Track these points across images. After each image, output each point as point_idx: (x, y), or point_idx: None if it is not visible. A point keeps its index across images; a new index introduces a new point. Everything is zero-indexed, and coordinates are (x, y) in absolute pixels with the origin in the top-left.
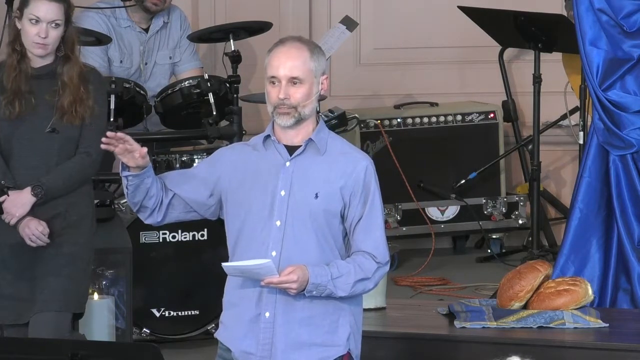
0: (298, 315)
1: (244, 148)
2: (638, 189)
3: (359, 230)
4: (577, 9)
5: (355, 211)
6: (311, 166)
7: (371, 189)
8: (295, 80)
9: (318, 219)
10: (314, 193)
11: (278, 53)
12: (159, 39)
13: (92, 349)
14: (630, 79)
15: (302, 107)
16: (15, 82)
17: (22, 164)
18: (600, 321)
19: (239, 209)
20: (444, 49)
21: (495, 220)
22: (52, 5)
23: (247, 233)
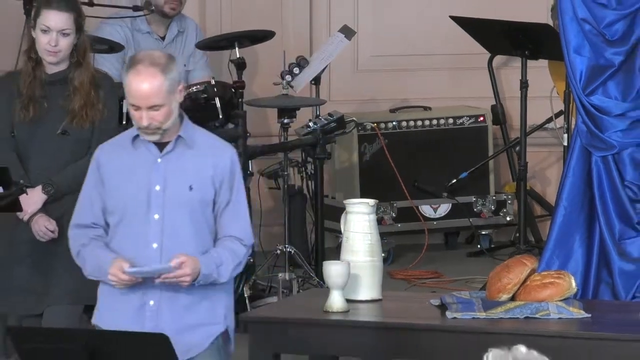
0: (182, 301)
1: (112, 147)
2: (618, 188)
3: (227, 215)
4: (562, 19)
5: (224, 197)
6: (182, 160)
7: (236, 176)
8: (155, 107)
9: (194, 210)
10: (188, 185)
11: (135, 83)
12: (175, 46)
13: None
14: (611, 84)
15: (166, 124)
16: (30, 88)
17: (36, 165)
18: (582, 312)
19: (115, 205)
20: (436, 56)
21: (484, 217)
22: (62, 15)
23: (125, 227)
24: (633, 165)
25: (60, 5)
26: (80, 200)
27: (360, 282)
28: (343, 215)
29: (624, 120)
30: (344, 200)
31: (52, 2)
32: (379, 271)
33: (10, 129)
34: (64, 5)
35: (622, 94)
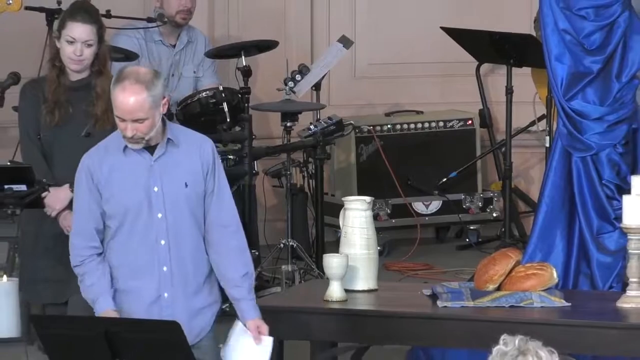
0: (190, 288)
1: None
2: (597, 186)
3: (213, 203)
4: (544, 30)
5: (209, 186)
6: (173, 160)
7: (217, 165)
8: (139, 120)
9: (191, 203)
10: (184, 183)
11: (121, 98)
12: (185, 54)
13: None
14: (590, 90)
15: (148, 135)
16: (55, 94)
17: (62, 165)
18: (563, 301)
19: (115, 209)
20: (428, 64)
21: (472, 213)
22: (86, 27)
23: (129, 228)
24: (610, 165)
25: (84, 17)
26: (78, 208)
27: (357, 274)
28: (342, 211)
29: (602, 123)
30: (342, 198)
31: (77, 15)
32: (374, 263)
33: (37, 132)
34: (87, 18)
35: (600, 99)
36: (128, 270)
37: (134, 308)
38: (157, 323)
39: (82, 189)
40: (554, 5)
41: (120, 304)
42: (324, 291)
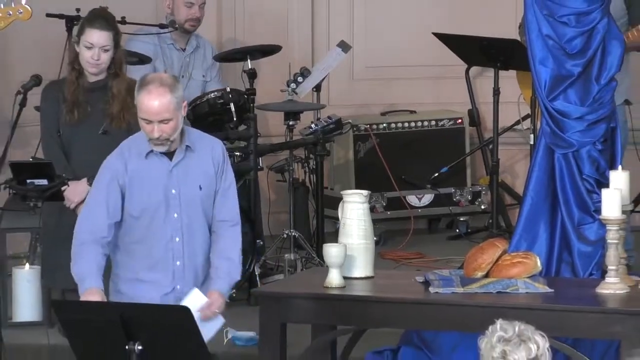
0: (199, 280)
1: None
2: (577, 181)
3: (218, 201)
4: (529, 35)
5: (218, 185)
6: (189, 165)
7: (226, 166)
8: (165, 121)
9: (204, 204)
10: (198, 185)
11: (147, 101)
12: (194, 58)
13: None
14: (571, 91)
15: (173, 135)
16: (74, 95)
17: (80, 160)
18: (546, 287)
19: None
20: (421, 67)
21: (462, 205)
22: (103, 33)
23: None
24: (590, 161)
25: (102, 25)
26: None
27: (355, 262)
28: (340, 204)
29: (582, 122)
30: (341, 192)
31: (95, 22)
32: (371, 252)
33: (57, 130)
34: (105, 25)
35: (581, 100)
36: (145, 263)
37: (149, 297)
38: (169, 308)
39: (102, 184)
40: (537, 12)
41: (137, 292)
42: (324, 278)
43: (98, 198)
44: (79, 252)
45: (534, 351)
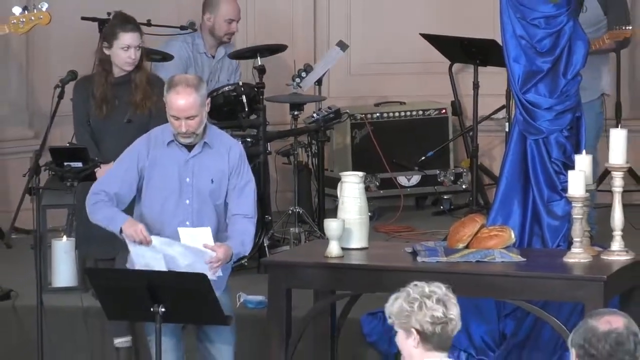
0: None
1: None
2: (547, 163)
3: (235, 196)
4: (504, 36)
5: (233, 183)
6: (205, 160)
7: (243, 166)
8: (191, 117)
9: (214, 196)
10: (210, 179)
11: (175, 100)
12: (222, 64)
13: (160, 278)
14: (541, 85)
15: (199, 129)
16: (103, 92)
17: (109, 147)
18: (520, 257)
19: (155, 192)
20: (410, 63)
21: (446, 185)
22: (136, 34)
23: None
24: (557, 146)
25: (132, 27)
26: (115, 171)
27: (352, 235)
28: (339, 184)
29: (551, 112)
30: (339, 173)
31: (127, 26)
32: (366, 226)
33: (87, 119)
34: (135, 27)
35: (550, 93)
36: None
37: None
38: (189, 276)
39: (124, 163)
40: (512, 16)
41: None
42: (325, 249)
43: (117, 173)
44: (95, 206)
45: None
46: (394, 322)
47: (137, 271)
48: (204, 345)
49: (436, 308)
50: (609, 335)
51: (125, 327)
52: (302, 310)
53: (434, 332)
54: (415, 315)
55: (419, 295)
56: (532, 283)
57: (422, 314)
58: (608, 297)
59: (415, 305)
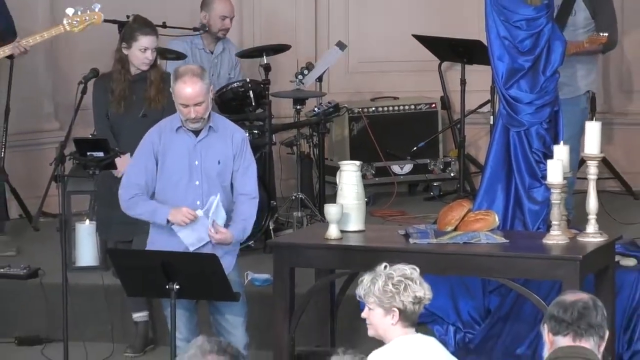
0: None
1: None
2: (528, 153)
3: (239, 177)
4: (489, 36)
5: (237, 164)
6: (212, 143)
7: (245, 149)
8: (199, 103)
9: (221, 177)
10: (217, 160)
11: (183, 89)
12: (221, 59)
13: (173, 258)
14: (523, 82)
15: (205, 114)
16: (121, 89)
17: (126, 139)
18: (503, 239)
19: (168, 175)
20: (403, 62)
21: (436, 173)
22: (153, 38)
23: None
24: (538, 137)
25: (150, 31)
26: (137, 164)
27: (350, 218)
28: (338, 172)
29: (532, 106)
30: (338, 162)
31: (145, 29)
32: (362, 211)
33: (106, 113)
34: (152, 31)
35: (530, 88)
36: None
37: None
38: (200, 256)
39: (143, 152)
40: (496, 18)
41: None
42: (325, 231)
43: (139, 163)
44: (132, 201)
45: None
46: (374, 301)
47: (152, 252)
48: (216, 318)
49: (418, 289)
50: (576, 303)
51: (142, 303)
52: (304, 287)
53: (413, 310)
54: (400, 295)
55: (402, 277)
56: (515, 262)
57: (406, 294)
58: (583, 275)
59: (401, 287)
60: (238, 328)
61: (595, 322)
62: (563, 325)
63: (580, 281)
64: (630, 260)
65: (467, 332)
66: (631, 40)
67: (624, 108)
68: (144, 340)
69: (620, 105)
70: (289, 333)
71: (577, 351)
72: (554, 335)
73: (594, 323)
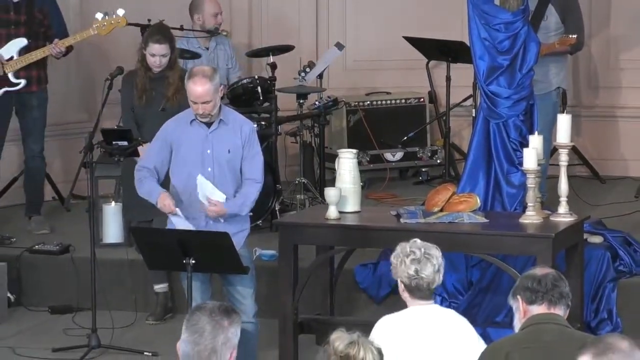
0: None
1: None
2: (506, 142)
3: (247, 164)
4: (471, 37)
5: (245, 153)
6: (222, 134)
7: (252, 139)
8: (206, 102)
9: (230, 164)
10: (227, 150)
11: (193, 89)
12: (217, 53)
13: (190, 236)
14: (502, 78)
15: (213, 112)
16: (143, 85)
17: (148, 129)
18: (484, 218)
19: (183, 162)
20: (394, 61)
21: (424, 160)
22: (161, 46)
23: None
24: (515, 128)
25: (160, 39)
26: (151, 149)
27: (347, 201)
28: (337, 159)
29: (509, 100)
30: (337, 150)
31: (155, 37)
32: (358, 194)
33: (131, 106)
34: (162, 39)
35: (508, 84)
36: (187, 206)
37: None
38: (213, 234)
39: (159, 140)
40: (477, 22)
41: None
42: (325, 212)
43: (154, 149)
44: (141, 181)
45: (436, 264)
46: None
47: (171, 230)
48: (228, 289)
49: (410, 267)
50: (547, 276)
51: (163, 276)
52: (306, 262)
53: (411, 285)
54: (397, 269)
55: (402, 253)
56: (494, 240)
57: (401, 269)
58: (556, 251)
59: (398, 262)
60: (248, 298)
61: (565, 292)
62: (539, 295)
63: (552, 256)
64: (597, 237)
65: (452, 301)
66: (597, 43)
67: (591, 102)
68: (164, 309)
69: (588, 99)
70: (292, 303)
71: (551, 317)
72: (528, 305)
73: (564, 293)
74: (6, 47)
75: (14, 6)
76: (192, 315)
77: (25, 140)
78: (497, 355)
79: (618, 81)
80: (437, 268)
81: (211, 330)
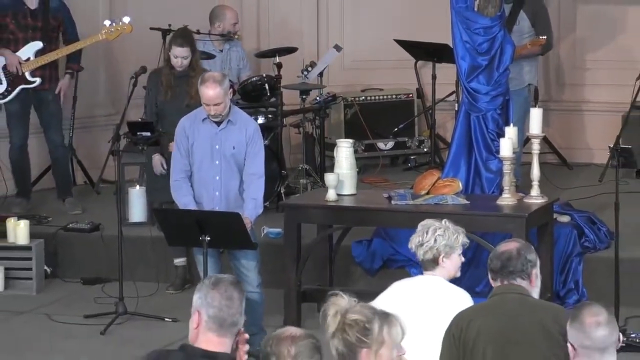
0: (231, 206)
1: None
2: (485, 133)
3: (250, 159)
4: (454, 40)
5: (249, 150)
6: (230, 132)
7: (255, 137)
8: (217, 104)
9: (235, 159)
10: (232, 146)
11: (206, 92)
12: (229, 55)
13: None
14: (481, 76)
15: (223, 112)
16: (168, 82)
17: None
18: (465, 200)
19: (197, 156)
20: (387, 60)
21: (412, 149)
22: (182, 49)
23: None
24: (492, 121)
25: (181, 43)
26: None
27: (344, 185)
28: (335, 148)
29: (488, 96)
30: (336, 140)
31: (177, 40)
32: (355, 178)
33: (155, 102)
34: (184, 43)
35: (487, 82)
36: (197, 192)
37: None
38: (227, 214)
39: (179, 138)
40: (460, 26)
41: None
42: (325, 195)
43: (180, 147)
44: (177, 185)
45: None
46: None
47: (189, 210)
48: (234, 263)
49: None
50: (502, 255)
51: (181, 251)
52: (308, 239)
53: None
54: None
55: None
56: (474, 219)
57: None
58: (528, 229)
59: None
60: (251, 271)
61: (516, 269)
62: (493, 273)
63: (526, 234)
64: (565, 217)
65: None
66: (565, 44)
67: (559, 97)
68: (183, 280)
69: (557, 95)
70: (296, 275)
71: (511, 288)
72: (492, 280)
73: (514, 270)
74: (24, 50)
75: (31, 13)
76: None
77: (47, 132)
78: (460, 322)
79: (583, 79)
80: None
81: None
